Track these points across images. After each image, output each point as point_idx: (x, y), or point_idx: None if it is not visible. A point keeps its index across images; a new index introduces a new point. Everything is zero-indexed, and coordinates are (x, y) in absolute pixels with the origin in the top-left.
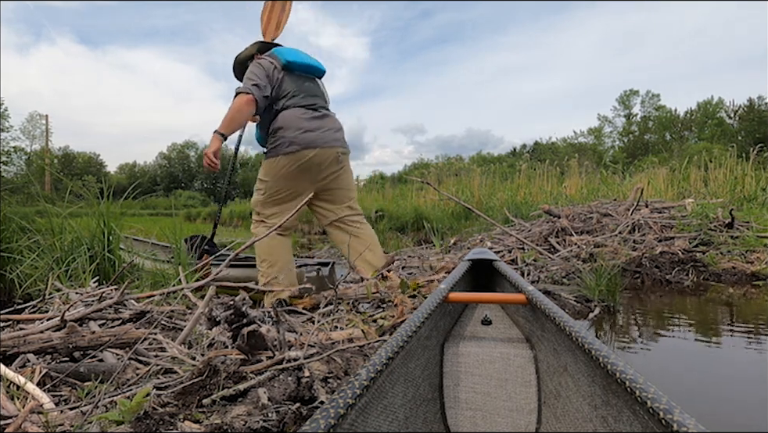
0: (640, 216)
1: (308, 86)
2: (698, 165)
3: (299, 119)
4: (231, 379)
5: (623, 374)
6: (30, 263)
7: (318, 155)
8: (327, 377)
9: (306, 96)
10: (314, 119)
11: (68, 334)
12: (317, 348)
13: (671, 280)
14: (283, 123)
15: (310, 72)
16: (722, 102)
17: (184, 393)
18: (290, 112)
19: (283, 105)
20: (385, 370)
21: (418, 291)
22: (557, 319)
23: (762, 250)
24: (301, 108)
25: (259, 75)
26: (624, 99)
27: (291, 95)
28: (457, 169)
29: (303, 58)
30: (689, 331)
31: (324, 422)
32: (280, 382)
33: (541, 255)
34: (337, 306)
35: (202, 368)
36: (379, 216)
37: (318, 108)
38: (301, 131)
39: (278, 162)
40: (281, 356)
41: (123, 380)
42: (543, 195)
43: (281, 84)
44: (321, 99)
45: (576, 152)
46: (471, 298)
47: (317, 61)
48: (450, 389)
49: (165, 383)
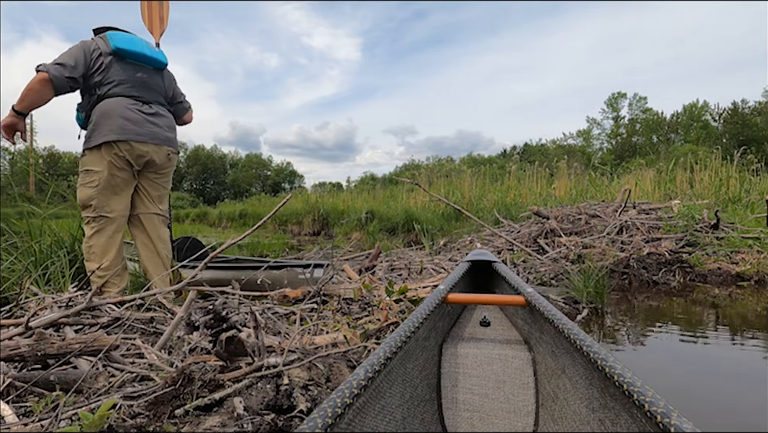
0: (628, 217)
1: (141, 77)
2: (683, 167)
3: (123, 109)
4: (207, 387)
5: (621, 377)
6: (6, 266)
7: (149, 151)
8: (307, 384)
9: (136, 87)
10: (141, 112)
11: (36, 341)
12: (299, 354)
13: (658, 281)
14: (104, 110)
15: (146, 62)
16: (707, 105)
17: (157, 403)
18: (114, 101)
19: (107, 92)
20: (383, 370)
21: (404, 296)
22: (555, 321)
23: (746, 251)
24: (127, 98)
25: (73, 55)
26: (612, 102)
27: (117, 83)
28: (448, 171)
29: (137, 47)
30: (675, 332)
31: (322, 421)
32: (258, 390)
33: (530, 256)
34: (321, 307)
35: (176, 377)
36: (369, 218)
37: (150, 102)
38: (124, 121)
39: (102, 152)
40: (260, 362)
41: (94, 389)
42: (533, 196)
43: (106, 69)
44: (156, 93)
45: (565, 153)
46: (470, 299)
47: (156, 52)
48: (448, 390)
49: (139, 392)
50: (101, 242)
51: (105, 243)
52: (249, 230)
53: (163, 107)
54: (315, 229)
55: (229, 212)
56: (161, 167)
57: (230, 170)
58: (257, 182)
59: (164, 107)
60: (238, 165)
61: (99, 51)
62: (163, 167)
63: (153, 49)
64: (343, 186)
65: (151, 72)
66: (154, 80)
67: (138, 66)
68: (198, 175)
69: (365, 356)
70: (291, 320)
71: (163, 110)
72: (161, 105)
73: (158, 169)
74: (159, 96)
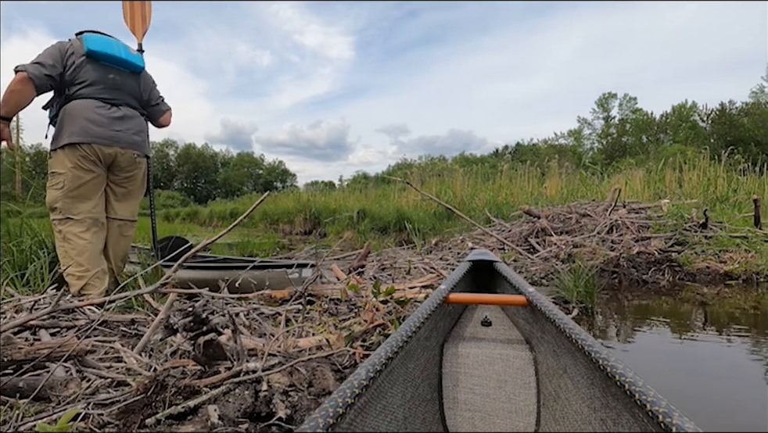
0: (618, 216)
1: (113, 79)
2: (672, 167)
3: (87, 111)
4: (182, 394)
5: (623, 377)
6: None
7: (113, 154)
8: (288, 390)
9: (107, 89)
10: (107, 114)
11: (3, 346)
12: (280, 358)
13: (647, 280)
14: (69, 111)
15: (120, 65)
16: (695, 106)
17: (127, 411)
18: (80, 102)
19: (75, 93)
20: (385, 369)
21: (391, 297)
22: (557, 321)
23: (734, 250)
24: (95, 100)
25: (51, 54)
26: (603, 102)
27: (87, 84)
28: (440, 170)
29: (111, 49)
30: (665, 331)
31: (323, 421)
32: (236, 397)
33: (521, 255)
34: (308, 308)
35: (148, 384)
36: (361, 217)
37: (120, 104)
38: (87, 123)
39: (66, 153)
40: (239, 367)
41: (63, 396)
42: (524, 195)
43: (78, 70)
44: (127, 96)
45: (557, 153)
46: (472, 299)
47: (132, 56)
48: (449, 390)
49: (111, 399)
50: (70, 245)
51: (78, 245)
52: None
53: (134, 110)
54: (307, 228)
55: (220, 211)
56: (125, 170)
57: (221, 169)
58: (249, 181)
59: (135, 110)
60: (229, 164)
61: (72, 51)
62: (128, 170)
63: (130, 53)
64: (336, 185)
65: (125, 74)
66: (127, 83)
67: (111, 68)
68: (189, 174)
69: (348, 359)
70: (277, 321)
71: (133, 113)
72: (132, 107)
73: (121, 172)
74: (130, 99)
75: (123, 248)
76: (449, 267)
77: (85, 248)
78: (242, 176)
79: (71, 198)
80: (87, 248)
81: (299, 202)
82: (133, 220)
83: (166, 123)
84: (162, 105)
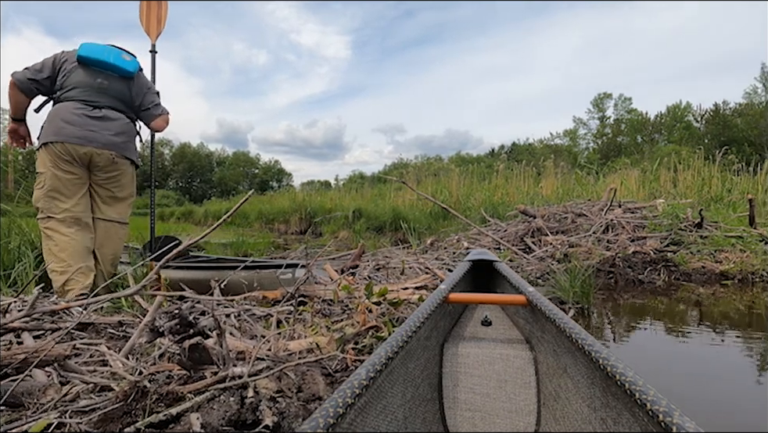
0: (614, 216)
1: (101, 83)
2: (667, 167)
3: (65, 112)
4: (165, 401)
5: (623, 376)
6: None
7: (88, 153)
8: (275, 396)
9: (92, 92)
10: (86, 115)
11: None
12: (268, 362)
13: (643, 280)
14: (52, 112)
15: (110, 70)
16: (689, 106)
17: (106, 419)
18: (62, 105)
19: (61, 96)
20: (385, 369)
21: (384, 299)
22: (557, 320)
23: (729, 250)
24: (77, 102)
25: (43, 61)
26: (598, 102)
27: (72, 88)
28: (437, 170)
29: (100, 55)
30: (660, 331)
31: (323, 421)
32: (221, 403)
33: (516, 255)
34: (300, 309)
35: (128, 390)
36: (357, 216)
37: (102, 107)
38: (63, 123)
39: (45, 153)
40: (224, 373)
41: (40, 404)
42: (520, 195)
43: (68, 75)
44: (114, 99)
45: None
46: (472, 298)
47: (124, 62)
48: (450, 390)
49: (90, 406)
50: (53, 241)
51: (60, 241)
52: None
53: (119, 112)
54: (302, 228)
55: (215, 211)
56: (104, 170)
57: (217, 168)
58: (245, 180)
59: (121, 112)
60: (225, 163)
61: (66, 59)
62: (107, 171)
63: (122, 59)
64: (332, 184)
65: (114, 79)
66: (115, 87)
67: (100, 73)
68: (184, 173)
69: (339, 363)
70: (269, 322)
71: (117, 115)
72: (116, 110)
73: (101, 172)
74: (117, 102)
75: (112, 250)
76: (444, 267)
77: (68, 244)
78: (237, 175)
79: (50, 197)
80: (70, 243)
81: (294, 202)
82: (122, 222)
83: (158, 127)
84: (154, 109)
